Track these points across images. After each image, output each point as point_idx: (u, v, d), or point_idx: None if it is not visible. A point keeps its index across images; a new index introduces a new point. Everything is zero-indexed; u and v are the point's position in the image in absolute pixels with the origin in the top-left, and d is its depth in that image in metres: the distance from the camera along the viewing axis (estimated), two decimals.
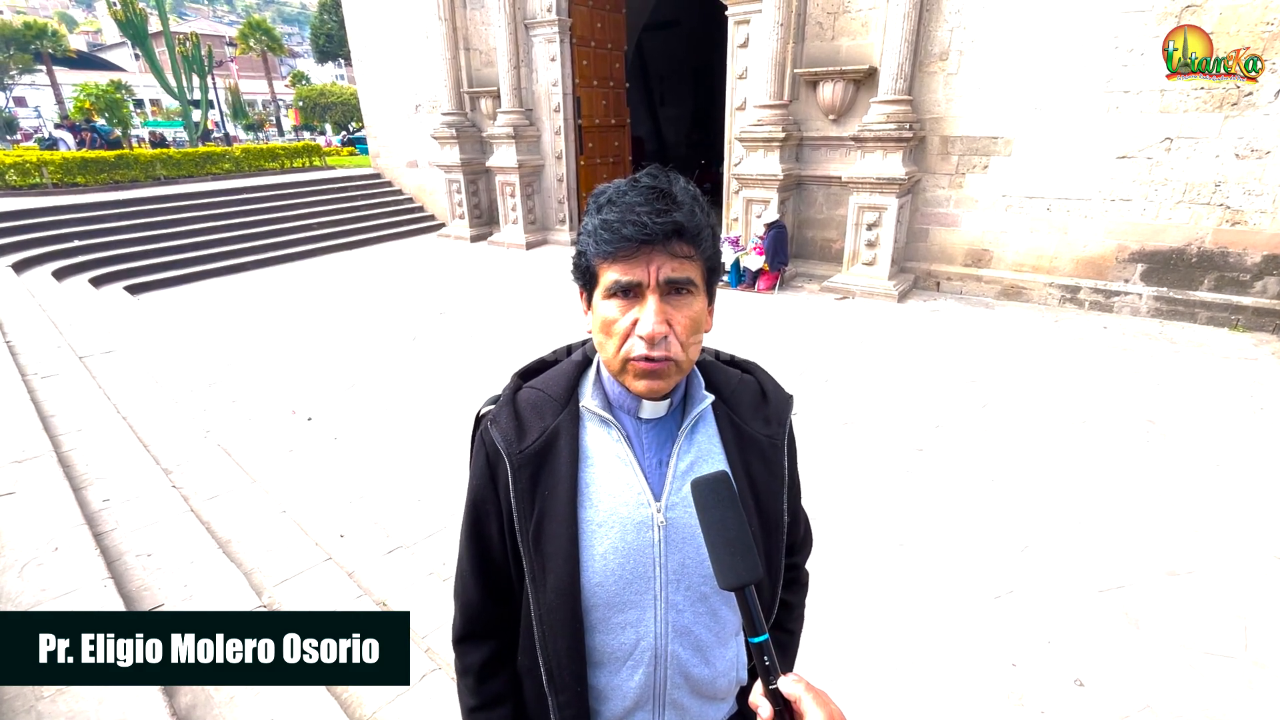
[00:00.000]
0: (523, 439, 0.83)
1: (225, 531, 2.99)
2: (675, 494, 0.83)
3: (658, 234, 0.72)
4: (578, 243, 0.81)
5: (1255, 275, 5.87)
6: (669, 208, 0.73)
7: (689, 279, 0.75)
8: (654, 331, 0.73)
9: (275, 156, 15.53)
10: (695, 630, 0.85)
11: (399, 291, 8.06)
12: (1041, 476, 3.56)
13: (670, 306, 0.75)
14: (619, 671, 0.85)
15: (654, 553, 0.82)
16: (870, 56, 7.05)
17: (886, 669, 2.34)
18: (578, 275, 0.82)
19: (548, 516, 0.82)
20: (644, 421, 0.85)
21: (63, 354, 5.10)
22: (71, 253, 8.88)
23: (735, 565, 0.62)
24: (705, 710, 0.91)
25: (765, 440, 0.89)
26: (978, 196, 7.01)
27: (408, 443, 4.11)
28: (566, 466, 0.82)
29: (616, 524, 0.81)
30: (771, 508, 0.88)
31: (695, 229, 0.74)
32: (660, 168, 0.77)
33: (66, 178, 11.79)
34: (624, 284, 0.74)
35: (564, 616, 0.82)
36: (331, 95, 32.07)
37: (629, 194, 0.74)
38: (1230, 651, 2.37)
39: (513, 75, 9.83)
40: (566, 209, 10.66)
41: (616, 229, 0.72)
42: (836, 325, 6.35)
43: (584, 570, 0.81)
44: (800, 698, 0.57)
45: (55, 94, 31.54)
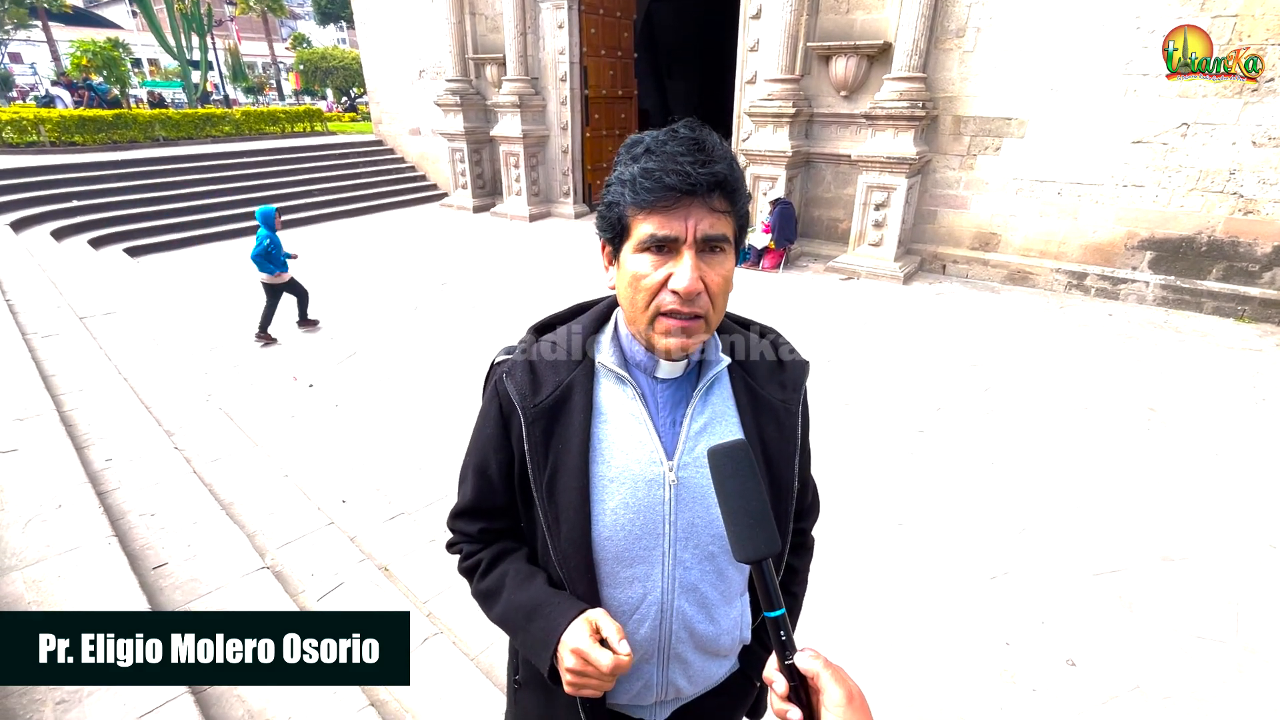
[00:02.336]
0: (537, 393, 0.83)
1: (228, 494, 3.00)
2: (688, 454, 0.83)
3: (700, 184, 0.70)
4: (606, 193, 0.78)
5: (1265, 266, 5.82)
6: (711, 159, 0.71)
7: (724, 235, 0.74)
8: (689, 288, 0.71)
9: (276, 120, 15.31)
10: (702, 588, 0.86)
11: (400, 261, 8.00)
12: (1041, 461, 3.57)
13: (704, 263, 0.73)
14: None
15: (664, 510, 0.82)
16: (885, 31, 6.90)
17: (883, 646, 2.37)
18: (605, 228, 0.79)
19: (560, 470, 0.82)
20: (659, 381, 0.84)
21: (63, 314, 5.07)
22: (70, 213, 8.79)
23: (755, 538, 0.61)
24: (708, 665, 0.93)
25: (780, 405, 0.89)
26: (988, 179, 6.91)
27: (409, 411, 4.12)
28: (580, 421, 0.82)
29: (628, 480, 0.82)
30: (783, 473, 0.88)
31: (735, 183, 0.73)
32: (696, 120, 0.75)
33: (64, 136, 11.62)
34: (660, 238, 0.72)
35: (579, 566, 0.83)
36: (333, 59, 31.41)
37: (669, 144, 0.72)
38: (1221, 636, 2.40)
39: (519, 42, 9.62)
40: (571, 181, 10.52)
41: (659, 178, 0.70)
42: (841, 306, 6.32)
43: (594, 524, 0.82)
44: (818, 673, 0.56)
45: (51, 50, 30.92)
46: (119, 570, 2.24)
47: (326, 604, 2.38)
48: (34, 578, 2.20)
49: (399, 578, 2.59)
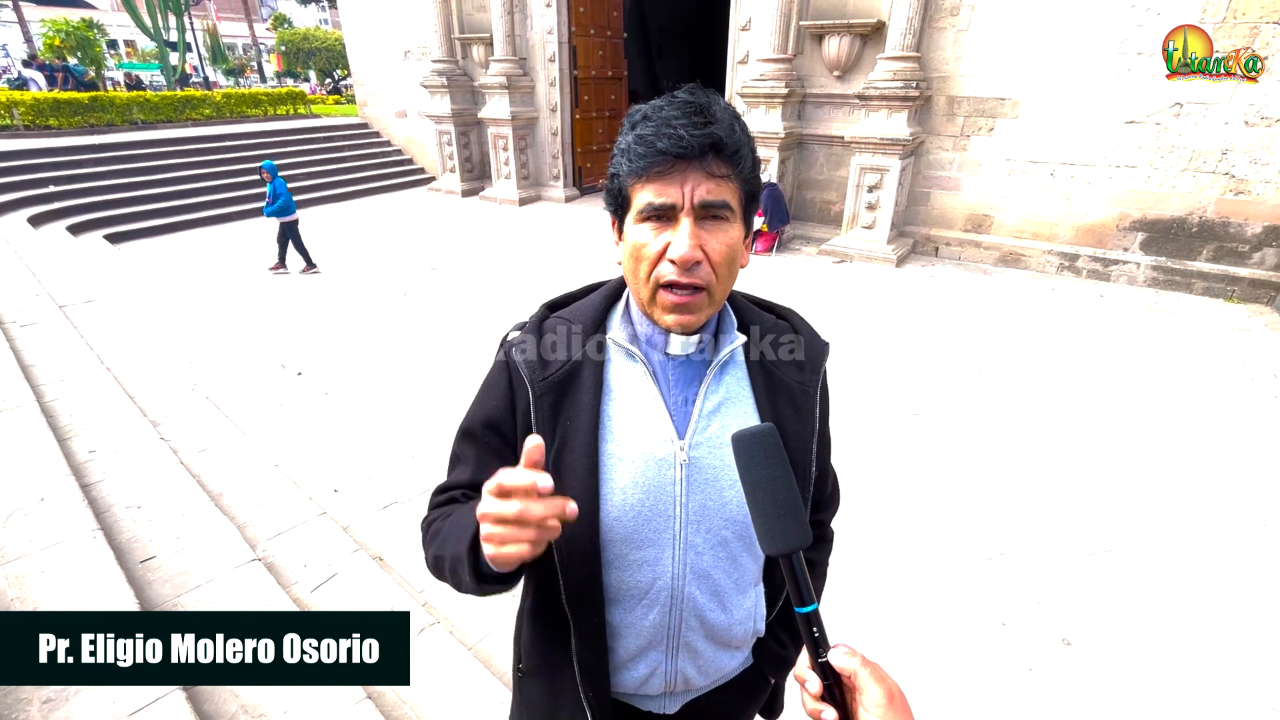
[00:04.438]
0: (546, 367, 0.82)
1: (216, 485, 2.95)
2: (700, 433, 0.80)
3: (694, 147, 0.67)
4: (610, 164, 0.76)
5: (1254, 246, 5.85)
6: (707, 120, 0.69)
7: (724, 202, 0.71)
8: (686, 255, 0.69)
9: (258, 103, 14.98)
10: (714, 575, 0.84)
11: (389, 246, 7.88)
12: (1035, 442, 3.59)
13: (704, 231, 0.71)
14: (634, 609, 0.83)
15: (674, 491, 0.79)
16: (879, 9, 6.80)
17: (880, 628, 2.38)
18: (609, 200, 0.78)
19: (568, 446, 0.80)
20: (671, 358, 0.82)
21: (42, 302, 4.95)
22: (47, 198, 8.57)
23: (786, 530, 0.57)
24: (719, 657, 0.90)
25: (797, 386, 0.86)
26: (981, 160, 6.88)
27: (400, 398, 4.06)
28: (589, 398, 0.80)
29: (638, 459, 0.79)
30: (800, 458, 0.85)
31: (735, 145, 0.70)
32: (699, 85, 0.72)
33: (39, 120, 11.31)
34: (657, 206, 0.70)
35: (583, 547, 0.80)
36: (315, 40, 30.71)
37: (665, 109, 0.70)
38: (1214, 614, 2.42)
39: (506, 21, 9.42)
40: (561, 164, 10.38)
41: (650, 142, 0.68)
42: (834, 289, 6.30)
43: (602, 503, 0.79)
44: (855, 672, 0.53)
45: (23, 31, 30.03)
46: (105, 564, 2.19)
47: (320, 595, 2.35)
48: (17, 573, 2.14)
49: (394, 567, 2.56)
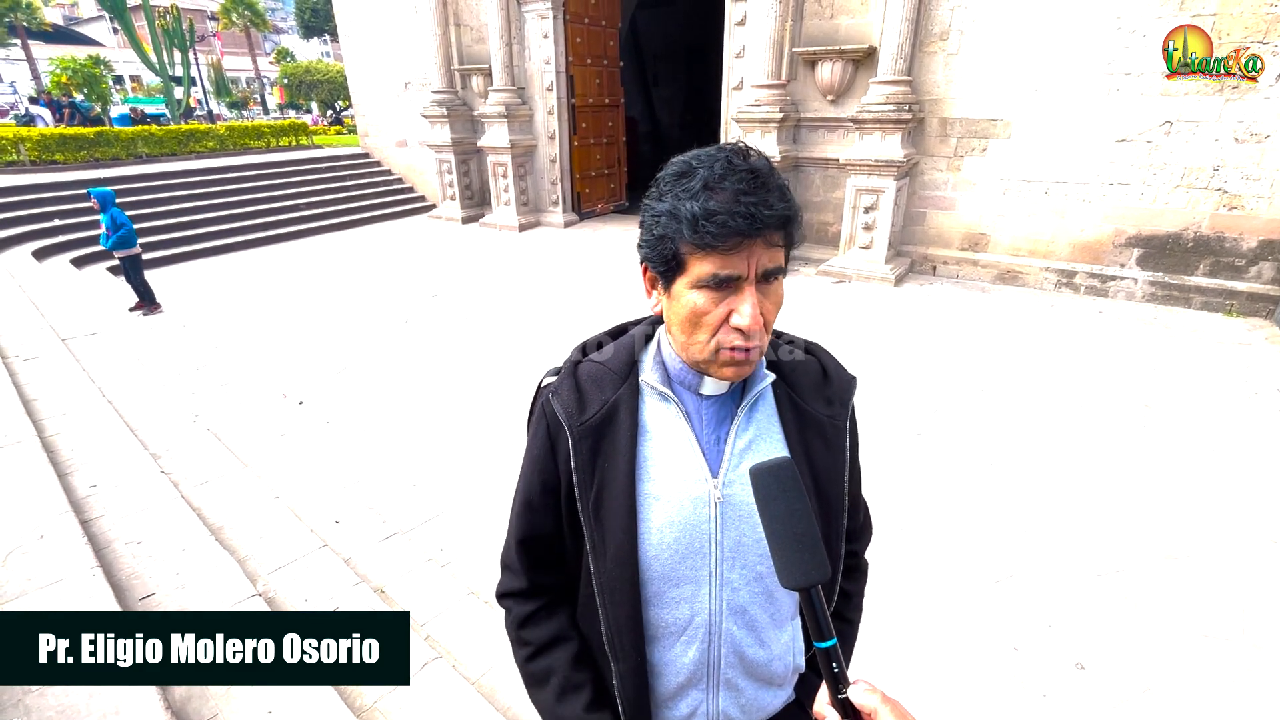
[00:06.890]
0: (584, 411, 0.84)
1: (217, 518, 2.93)
2: (733, 470, 0.82)
3: (768, 227, 0.69)
4: (654, 222, 0.74)
5: (1250, 260, 5.88)
6: (769, 193, 0.70)
7: (780, 266, 0.74)
8: (753, 325, 0.72)
9: (261, 135, 15.21)
10: (750, 610, 0.85)
11: (390, 273, 7.93)
12: (1039, 461, 3.56)
13: (762, 295, 0.74)
14: (673, 646, 0.85)
15: (710, 529, 0.81)
16: (870, 35, 6.94)
17: (889, 653, 2.34)
18: (655, 260, 0.75)
19: (607, 488, 0.82)
20: (703, 398, 0.84)
21: (45, 336, 4.98)
22: (51, 232, 8.67)
23: (803, 563, 0.57)
24: (761, 695, 0.90)
25: (826, 420, 0.88)
26: (975, 179, 6.96)
27: (402, 427, 4.05)
28: (626, 439, 0.82)
29: (674, 498, 0.81)
30: (832, 491, 0.87)
31: (796, 216, 0.73)
32: (743, 144, 0.74)
33: (45, 155, 11.48)
34: (722, 278, 0.71)
35: (624, 586, 0.82)
36: (317, 73, 31.31)
37: (727, 179, 0.69)
38: (1228, 635, 2.38)
39: (505, 52, 9.61)
40: (559, 190, 10.50)
41: (723, 221, 0.67)
42: (833, 309, 6.32)
43: (641, 542, 0.81)
44: (876, 710, 0.52)
45: (31, 68, 30.64)
46: (104, 604, 2.17)
47: None
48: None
49: (396, 600, 2.53)
